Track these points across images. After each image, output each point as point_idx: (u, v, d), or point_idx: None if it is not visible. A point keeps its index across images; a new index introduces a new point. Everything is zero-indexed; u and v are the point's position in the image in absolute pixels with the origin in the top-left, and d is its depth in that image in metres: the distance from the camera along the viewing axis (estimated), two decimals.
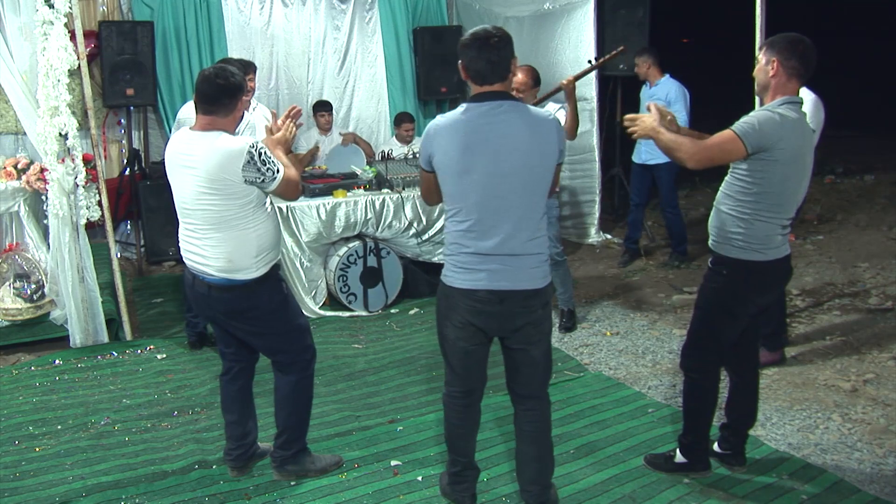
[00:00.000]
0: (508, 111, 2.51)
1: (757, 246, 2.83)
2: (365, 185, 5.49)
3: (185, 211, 2.88)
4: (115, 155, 6.48)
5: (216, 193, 2.77)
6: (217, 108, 2.81)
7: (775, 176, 2.76)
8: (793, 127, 2.74)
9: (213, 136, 2.79)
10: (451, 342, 2.69)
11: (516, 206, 2.53)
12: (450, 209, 2.61)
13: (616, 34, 6.77)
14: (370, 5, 7.13)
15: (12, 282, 4.80)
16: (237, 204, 2.79)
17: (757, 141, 2.71)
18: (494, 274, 2.54)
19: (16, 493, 3.11)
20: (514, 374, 2.74)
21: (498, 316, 2.58)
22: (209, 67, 2.90)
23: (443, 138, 2.54)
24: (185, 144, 2.83)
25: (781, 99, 2.80)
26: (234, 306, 2.91)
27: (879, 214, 7.19)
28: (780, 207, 2.82)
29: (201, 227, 2.84)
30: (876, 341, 4.53)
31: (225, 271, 2.84)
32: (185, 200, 2.85)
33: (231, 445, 3.21)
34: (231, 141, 2.78)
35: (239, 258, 2.83)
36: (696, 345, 3.06)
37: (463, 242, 2.57)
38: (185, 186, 2.82)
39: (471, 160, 2.49)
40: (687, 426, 3.13)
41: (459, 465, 2.89)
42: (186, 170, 2.80)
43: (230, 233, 2.81)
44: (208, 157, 2.75)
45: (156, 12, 6.31)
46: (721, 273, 2.94)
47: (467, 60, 2.54)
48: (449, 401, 2.82)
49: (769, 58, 2.81)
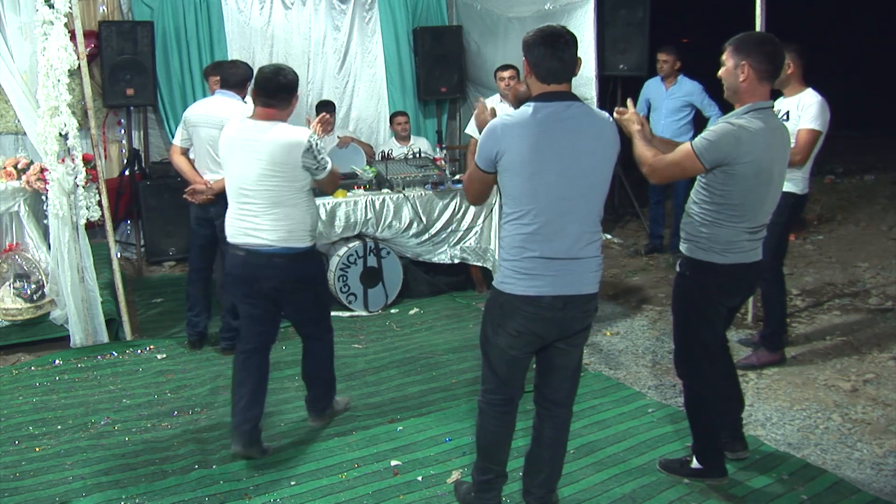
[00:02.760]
0: (577, 112, 2.49)
1: (718, 248, 2.81)
2: (365, 185, 5.49)
3: (245, 192, 3.20)
4: (115, 155, 6.48)
5: (277, 176, 3.14)
6: (277, 102, 3.19)
7: (736, 188, 2.72)
8: (755, 140, 2.66)
9: (276, 125, 3.17)
10: (502, 350, 2.62)
11: (583, 209, 2.50)
12: (514, 211, 2.51)
13: (616, 34, 6.78)
14: (370, 5, 7.13)
15: (12, 282, 4.80)
16: (294, 187, 3.19)
17: (714, 157, 2.68)
18: (559, 279, 2.50)
19: (16, 493, 3.10)
20: (547, 376, 2.71)
21: (559, 322, 2.54)
22: (268, 66, 3.27)
23: (513, 137, 2.45)
24: (249, 132, 3.18)
25: (749, 106, 2.72)
26: (291, 274, 3.26)
27: (879, 214, 7.20)
28: (744, 216, 2.77)
29: (262, 205, 3.19)
30: (876, 341, 4.53)
31: (285, 241, 3.21)
32: (247, 182, 3.18)
33: (239, 419, 3.30)
34: (293, 131, 3.16)
35: (296, 230, 3.23)
36: (683, 351, 3.04)
37: (528, 246, 2.49)
38: (248, 169, 3.16)
39: (542, 161, 2.44)
40: (694, 433, 3.10)
41: (492, 473, 2.81)
42: (250, 154, 3.15)
43: (288, 210, 3.20)
44: (273, 144, 3.12)
45: (156, 12, 6.31)
46: (685, 275, 2.94)
47: (537, 59, 2.48)
48: (489, 408, 2.74)
49: (738, 61, 2.71)
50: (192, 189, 4.40)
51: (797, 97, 3.97)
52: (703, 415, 3.05)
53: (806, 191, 4.13)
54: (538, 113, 2.47)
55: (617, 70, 6.84)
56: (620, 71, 6.86)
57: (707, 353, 2.97)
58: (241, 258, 3.26)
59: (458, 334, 4.88)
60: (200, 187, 4.37)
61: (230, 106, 4.31)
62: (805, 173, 4.07)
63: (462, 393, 3.97)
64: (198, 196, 4.38)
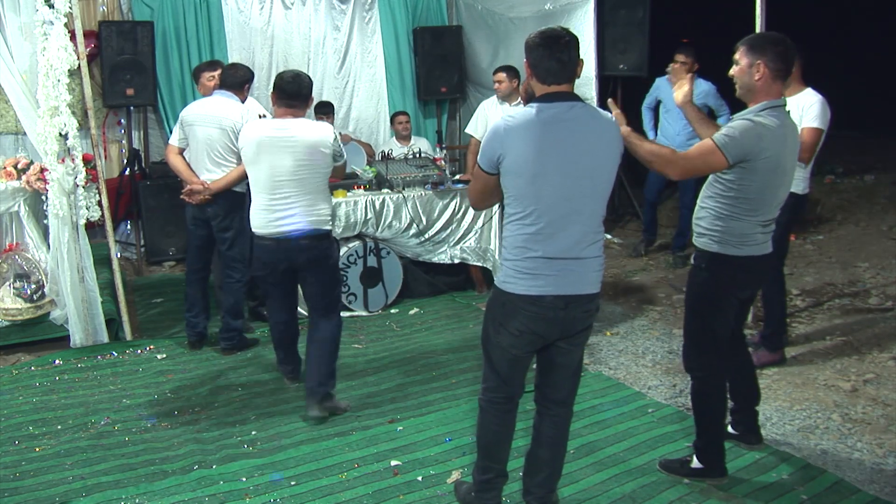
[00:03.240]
0: (580, 113, 2.49)
1: (733, 241, 2.88)
2: (365, 185, 5.49)
3: (279, 183, 3.59)
4: (115, 155, 6.48)
5: (310, 165, 3.60)
6: (298, 103, 3.64)
7: (753, 184, 2.80)
8: (773, 136, 2.75)
9: (303, 121, 3.64)
10: (504, 349, 2.63)
11: (586, 209, 2.50)
12: (517, 212, 2.52)
13: (616, 34, 6.78)
14: (370, 5, 7.13)
15: (12, 282, 4.80)
16: (321, 174, 3.66)
17: (737, 152, 2.74)
18: (560, 278, 2.50)
19: (16, 493, 3.10)
20: (548, 376, 2.71)
21: (561, 321, 2.55)
22: (287, 72, 3.69)
23: (516, 139, 2.46)
24: (280, 130, 3.59)
25: (764, 103, 2.80)
26: (317, 254, 3.69)
27: (879, 214, 7.19)
28: (758, 210, 2.86)
29: (296, 193, 3.60)
30: (876, 341, 4.53)
31: (315, 224, 3.65)
32: (282, 174, 3.58)
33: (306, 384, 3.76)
34: (318, 125, 3.68)
35: (322, 214, 3.68)
36: (693, 344, 3.08)
37: (530, 246, 2.50)
38: (283, 162, 3.57)
39: (546, 162, 2.44)
40: (699, 429, 3.13)
41: (493, 472, 2.81)
42: (285, 149, 3.56)
43: (317, 196, 3.65)
44: (307, 135, 3.59)
45: (156, 12, 6.31)
46: (701, 267, 2.99)
47: (536, 59, 2.50)
48: (490, 406, 2.75)
49: (753, 60, 2.80)
50: (189, 189, 4.40)
51: (797, 97, 3.99)
52: (708, 408, 3.09)
53: (807, 191, 4.15)
54: (541, 114, 2.47)
55: (617, 70, 6.84)
56: (620, 71, 6.85)
57: (717, 345, 3.02)
58: (271, 246, 3.65)
59: (458, 334, 4.88)
60: (198, 188, 4.36)
61: (229, 106, 4.31)
62: (806, 173, 4.08)
63: (462, 393, 3.97)
64: (195, 196, 4.38)
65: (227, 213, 4.41)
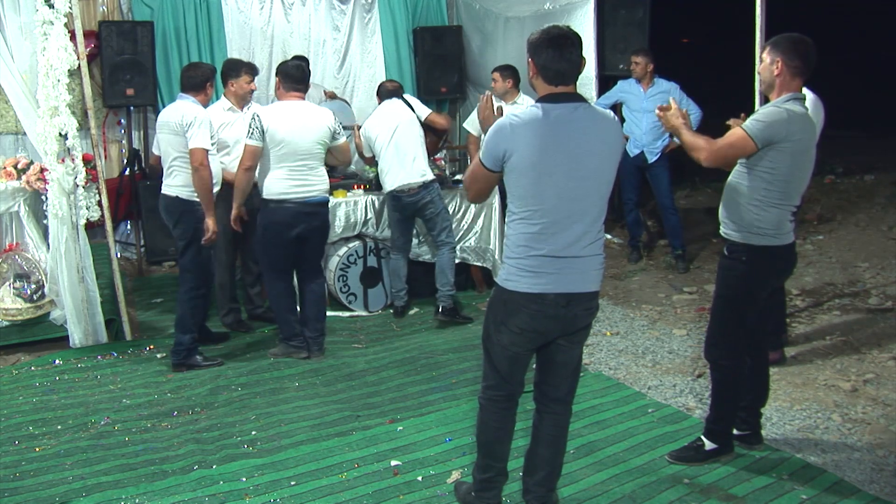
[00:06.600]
0: (584, 114, 2.50)
1: (772, 232, 3.02)
2: (365, 185, 5.49)
3: (301, 155, 4.20)
4: (115, 155, 6.47)
5: (323, 141, 4.28)
6: (302, 87, 4.29)
7: (784, 165, 2.94)
8: (800, 121, 2.94)
9: (309, 103, 4.35)
10: (504, 347, 2.64)
11: (587, 209, 2.52)
12: (521, 211, 2.53)
13: (616, 34, 6.77)
14: (370, 5, 7.13)
15: (12, 282, 4.80)
16: (325, 149, 4.34)
17: (765, 136, 2.90)
18: (562, 276, 2.52)
19: (16, 493, 3.10)
20: (548, 374, 2.72)
21: (563, 319, 2.56)
22: (290, 61, 4.55)
23: (522, 138, 2.46)
24: (299, 111, 4.22)
25: (787, 95, 2.97)
26: (325, 218, 4.43)
27: (879, 214, 7.18)
28: (789, 195, 3.01)
29: (313, 164, 4.27)
30: (876, 341, 4.53)
31: (325, 192, 4.37)
32: (304, 148, 4.21)
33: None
34: (321, 107, 4.48)
35: (327, 183, 4.39)
36: (723, 334, 3.17)
37: (533, 245, 2.51)
38: (306, 137, 4.20)
39: (551, 163, 2.45)
40: (718, 415, 3.24)
41: (493, 471, 2.81)
42: (306, 126, 4.20)
43: (323, 168, 4.37)
44: (320, 114, 4.29)
45: (156, 12, 6.30)
46: (741, 260, 3.08)
47: (545, 61, 2.49)
48: (490, 404, 2.75)
49: (773, 57, 2.99)
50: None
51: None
52: (731, 395, 3.20)
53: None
54: (548, 114, 2.48)
55: (617, 70, 6.82)
56: (620, 71, 6.84)
57: (745, 333, 3.15)
58: (292, 209, 4.21)
59: (458, 334, 4.88)
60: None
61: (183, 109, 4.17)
62: None
63: (462, 393, 3.97)
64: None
65: (178, 220, 4.26)
